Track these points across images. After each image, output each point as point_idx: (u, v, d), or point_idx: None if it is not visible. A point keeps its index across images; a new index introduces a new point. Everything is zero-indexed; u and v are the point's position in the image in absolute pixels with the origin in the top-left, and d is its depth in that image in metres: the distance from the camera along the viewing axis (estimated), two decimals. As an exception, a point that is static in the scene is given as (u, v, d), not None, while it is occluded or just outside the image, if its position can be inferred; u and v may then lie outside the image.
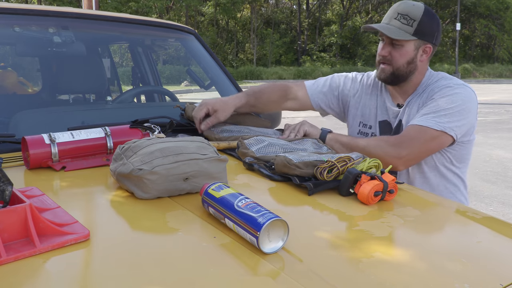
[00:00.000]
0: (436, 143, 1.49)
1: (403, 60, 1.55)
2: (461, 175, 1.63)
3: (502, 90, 18.50)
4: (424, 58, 1.58)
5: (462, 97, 1.50)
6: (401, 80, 1.59)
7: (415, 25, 1.50)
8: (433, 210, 1.14)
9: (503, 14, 29.14)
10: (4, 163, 1.18)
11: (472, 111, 1.52)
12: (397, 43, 1.54)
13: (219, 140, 1.50)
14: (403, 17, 1.52)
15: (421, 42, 1.54)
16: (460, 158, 1.60)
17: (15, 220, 0.74)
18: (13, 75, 2.63)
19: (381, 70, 1.60)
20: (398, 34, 1.51)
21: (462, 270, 0.78)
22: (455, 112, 1.47)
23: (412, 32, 1.51)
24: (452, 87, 1.52)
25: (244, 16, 30.02)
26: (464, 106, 1.49)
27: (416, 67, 1.57)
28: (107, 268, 0.71)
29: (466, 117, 1.50)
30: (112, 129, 1.29)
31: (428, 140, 1.46)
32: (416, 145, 1.46)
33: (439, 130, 1.45)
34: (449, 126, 1.46)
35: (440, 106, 1.48)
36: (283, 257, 0.76)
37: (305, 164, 1.15)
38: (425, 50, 1.57)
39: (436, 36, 1.57)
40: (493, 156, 6.25)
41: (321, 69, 25.29)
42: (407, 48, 1.54)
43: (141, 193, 0.97)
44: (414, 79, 1.60)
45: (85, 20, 1.90)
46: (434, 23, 1.56)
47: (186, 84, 10.42)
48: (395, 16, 1.54)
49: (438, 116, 1.46)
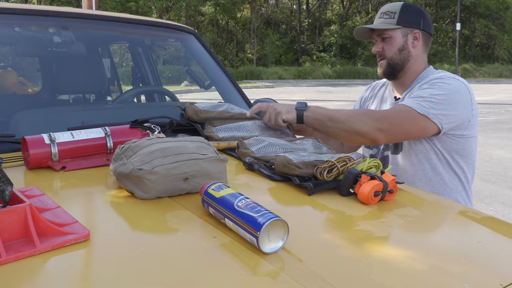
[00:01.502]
0: (418, 126, 1.50)
1: (394, 49, 1.64)
2: (459, 174, 1.61)
3: (502, 90, 18.50)
4: (416, 44, 1.65)
5: (450, 87, 1.52)
6: (398, 69, 1.66)
7: (396, 16, 1.62)
8: (433, 210, 1.14)
9: (503, 14, 29.14)
10: (4, 163, 1.18)
11: (461, 103, 1.53)
12: (385, 36, 1.64)
13: (220, 140, 1.50)
14: (385, 14, 1.66)
15: (408, 29, 1.64)
16: (458, 154, 1.60)
17: (15, 220, 0.74)
18: (13, 75, 2.63)
19: (379, 66, 1.70)
20: (382, 26, 1.64)
21: (462, 270, 0.78)
22: (441, 100, 1.49)
23: (395, 22, 1.62)
24: (443, 78, 1.56)
25: (244, 16, 30.02)
26: (452, 96, 1.51)
27: (410, 54, 1.64)
28: (107, 268, 0.71)
29: (453, 108, 1.51)
30: (112, 129, 1.29)
31: (410, 119, 1.49)
32: (398, 121, 1.50)
33: (422, 114, 1.48)
34: (433, 113, 1.48)
35: (427, 93, 1.52)
36: (283, 257, 0.76)
37: (305, 164, 1.15)
38: (414, 37, 1.64)
39: (423, 23, 1.65)
40: (493, 156, 6.25)
41: (321, 69, 25.28)
42: (395, 37, 1.64)
43: (141, 193, 0.97)
44: (412, 68, 1.66)
45: (85, 20, 1.90)
46: (415, 11, 1.66)
47: (186, 84, 10.42)
48: (379, 17, 1.69)
49: (424, 101, 1.50)
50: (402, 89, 1.71)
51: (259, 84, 20.05)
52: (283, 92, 16.87)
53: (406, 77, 1.67)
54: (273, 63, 27.25)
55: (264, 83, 20.34)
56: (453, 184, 1.62)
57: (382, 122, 1.49)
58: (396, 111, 1.53)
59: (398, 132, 1.52)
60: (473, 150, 1.63)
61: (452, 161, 1.60)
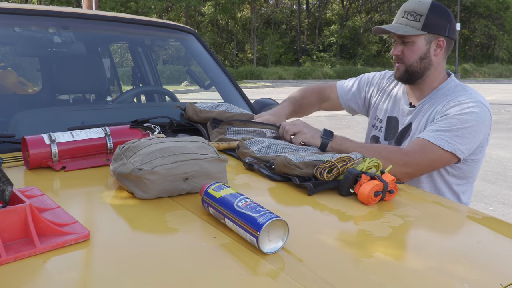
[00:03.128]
0: (443, 163, 1.46)
1: (415, 57, 1.53)
2: (458, 191, 1.57)
3: (502, 90, 18.50)
4: (438, 52, 1.55)
5: (477, 117, 1.44)
6: (417, 78, 1.57)
7: (423, 19, 1.49)
8: (433, 210, 1.14)
9: (503, 14, 29.13)
10: (4, 163, 1.18)
11: (484, 132, 1.48)
12: (407, 40, 1.52)
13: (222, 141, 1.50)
14: (410, 14, 1.51)
15: (432, 36, 1.52)
16: (461, 175, 1.55)
17: (15, 220, 0.74)
18: (13, 75, 2.63)
19: (396, 69, 1.60)
20: (405, 30, 1.51)
21: (462, 270, 0.78)
22: (466, 133, 1.43)
23: (420, 27, 1.49)
24: (468, 103, 1.46)
25: (244, 16, 30.02)
26: (477, 127, 1.44)
27: (431, 63, 1.55)
28: (107, 268, 0.71)
29: (476, 139, 1.46)
30: (112, 129, 1.29)
31: (436, 158, 1.43)
32: (425, 163, 1.44)
33: (449, 152, 1.42)
34: (459, 148, 1.42)
35: (453, 125, 1.43)
36: (283, 257, 0.76)
37: (305, 164, 1.15)
38: (438, 44, 1.54)
39: (449, 29, 1.53)
40: (493, 156, 6.25)
41: (321, 69, 25.28)
42: (418, 43, 1.52)
43: (141, 193, 0.97)
44: (431, 76, 1.57)
45: (85, 20, 1.90)
46: (443, 15, 1.53)
47: (186, 84, 10.41)
48: (402, 15, 1.54)
49: (451, 136, 1.42)
50: (419, 95, 1.62)
51: (259, 84, 20.05)
52: (283, 92, 16.87)
53: (425, 85, 1.59)
54: (273, 63, 27.25)
55: (264, 83, 20.33)
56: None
57: (410, 165, 1.42)
58: (422, 151, 1.43)
59: (422, 172, 1.49)
60: (477, 171, 1.59)
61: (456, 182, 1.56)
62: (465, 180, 1.57)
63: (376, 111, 1.77)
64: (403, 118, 1.64)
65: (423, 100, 1.59)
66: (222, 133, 1.51)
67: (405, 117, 1.64)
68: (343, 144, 1.43)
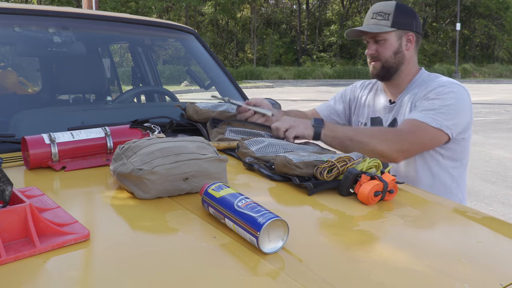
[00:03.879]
0: (433, 140, 1.53)
1: (389, 52, 1.63)
2: (455, 175, 1.63)
3: (502, 90, 18.50)
4: (410, 47, 1.65)
5: (457, 95, 1.54)
6: (393, 72, 1.65)
7: (391, 18, 1.60)
8: (433, 210, 1.14)
9: (503, 14, 29.14)
10: (4, 163, 1.18)
11: (466, 110, 1.57)
12: (380, 38, 1.62)
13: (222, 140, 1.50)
14: (378, 15, 1.62)
15: (402, 32, 1.62)
16: (454, 156, 1.61)
17: (15, 220, 0.74)
18: (13, 75, 2.63)
19: (372, 67, 1.68)
20: (377, 28, 1.61)
21: (462, 270, 0.78)
22: (450, 110, 1.51)
23: (390, 24, 1.60)
24: (446, 86, 1.56)
25: (244, 16, 30.01)
26: (459, 104, 1.54)
27: (404, 57, 1.64)
28: (107, 268, 0.71)
29: (461, 116, 1.54)
30: (112, 129, 1.29)
31: (426, 135, 1.50)
32: (415, 139, 1.50)
33: (436, 128, 1.49)
34: (446, 124, 1.50)
35: (436, 104, 1.52)
36: (283, 257, 0.76)
37: (305, 164, 1.15)
38: (408, 39, 1.64)
39: (415, 25, 1.65)
40: (493, 156, 6.25)
41: (321, 69, 25.28)
42: (390, 40, 1.62)
43: (141, 193, 0.97)
44: (406, 70, 1.66)
45: (85, 20, 1.90)
46: (408, 13, 1.65)
47: (186, 84, 10.40)
48: (371, 17, 1.65)
49: (436, 113, 1.50)
50: (396, 91, 1.70)
51: (259, 84, 20.06)
52: (283, 92, 16.87)
53: (400, 79, 1.67)
54: (273, 63, 27.26)
55: (264, 83, 20.34)
56: (452, 188, 1.63)
57: (402, 143, 1.49)
58: (412, 129, 1.50)
59: (415, 150, 1.54)
60: (467, 151, 1.66)
61: (451, 165, 1.61)
62: (458, 162, 1.63)
63: (358, 118, 1.83)
64: (386, 116, 1.71)
65: (401, 94, 1.68)
66: (222, 133, 1.52)
67: (387, 114, 1.70)
68: (335, 129, 1.50)
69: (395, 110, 1.67)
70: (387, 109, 1.70)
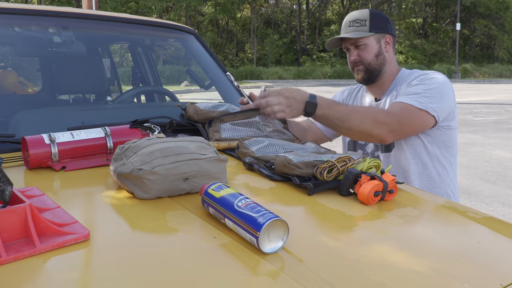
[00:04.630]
0: (421, 121, 1.57)
1: (371, 55, 1.69)
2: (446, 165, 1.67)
3: (502, 90, 18.50)
4: (388, 48, 1.73)
5: (439, 81, 1.60)
6: (377, 74, 1.72)
7: (368, 23, 1.68)
8: (433, 210, 1.14)
9: (503, 14, 29.14)
10: (4, 163, 1.18)
11: (449, 95, 1.62)
12: (360, 43, 1.69)
13: (221, 140, 1.50)
14: (355, 22, 1.70)
15: (380, 35, 1.70)
16: (446, 146, 1.65)
17: (15, 220, 0.74)
18: (13, 75, 2.63)
19: (357, 73, 1.75)
20: (357, 34, 1.67)
21: (462, 270, 0.78)
22: (434, 93, 1.56)
23: (368, 29, 1.68)
24: (428, 74, 1.64)
25: (244, 16, 30.01)
26: (442, 88, 1.59)
27: (385, 58, 1.72)
28: (107, 268, 0.71)
29: (444, 100, 1.59)
30: (112, 129, 1.29)
31: (413, 116, 1.55)
32: (404, 120, 1.55)
33: (422, 109, 1.53)
34: (431, 107, 1.54)
35: (420, 89, 1.58)
36: (283, 257, 0.76)
37: (305, 164, 1.15)
38: (386, 41, 1.72)
39: (390, 27, 1.74)
40: (493, 156, 6.25)
41: (321, 69, 25.28)
42: (370, 44, 1.69)
43: (141, 193, 0.97)
44: (388, 71, 1.73)
45: (85, 20, 1.90)
46: (382, 17, 1.73)
47: (186, 84, 10.40)
48: (348, 25, 1.71)
49: (420, 97, 1.55)
50: (380, 91, 1.76)
51: (259, 84, 20.05)
52: (283, 92, 16.84)
53: (384, 80, 1.74)
54: (273, 63, 27.25)
55: (264, 83, 20.30)
56: (443, 177, 1.67)
57: (393, 123, 1.52)
58: (400, 110, 1.54)
59: (405, 131, 1.58)
60: (456, 141, 1.70)
61: (440, 154, 1.66)
62: (448, 153, 1.67)
63: None
64: None
65: (386, 92, 1.74)
66: (217, 131, 1.52)
67: None
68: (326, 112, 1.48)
69: (381, 106, 1.73)
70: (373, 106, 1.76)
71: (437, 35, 31.25)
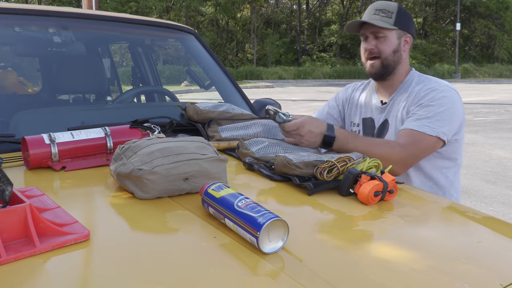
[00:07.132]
0: (431, 148, 1.54)
1: (390, 49, 1.62)
2: (449, 175, 1.64)
3: (502, 90, 18.50)
4: (406, 48, 1.66)
5: (449, 100, 1.55)
6: (390, 71, 1.65)
7: (394, 16, 1.60)
8: (433, 210, 1.14)
9: (503, 14, 29.14)
10: (4, 163, 1.18)
11: (459, 112, 1.58)
12: (381, 35, 1.61)
13: (221, 140, 1.50)
14: (382, 11, 1.61)
15: (402, 32, 1.63)
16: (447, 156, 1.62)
17: (15, 220, 0.74)
18: (13, 75, 2.63)
19: (370, 66, 1.66)
20: (382, 23, 1.59)
21: (462, 270, 0.78)
22: (445, 116, 1.52)
23: (393, 22, 1.60)
24: (438, 90, 1.57)
25: (244, 16, 30.02)
26: (452, 109, 1.55)
27: (401, 57, 1.65)
28: (107, 268, 0.71)
29: (454, 120, 1.55)
30: (112, 129, 1.29)
31: (425, 145, 1.51)
32: (415, 151, 1.50)
33: (434, 136, 1.49)
34: (442, 131, 1.50)
35: (431, 111, 1.52)
36: (283, 257, 0.76)
37: (305, 164, 1.15)
38: (406, 40, 1.65)
39: (412, 27, 1.68)
40: (493, 156, 6.25)
41: (321, 69, 25.28)
42: (391, 38, 1.62)
43: (141, 193, 0.97)
44: (400, 70, 1.67)
45: (85, 20, 1.90)
46: (408, 15, 1.66)
47: (186, 84, 10.40)
48: (373, 13, 1.62)
49: (431, 122, 1.50)
50: (388, 91, 1.70)
51: (259, 84, 20.05)
52: (283, 92, 16.87)
53: (394, 80, 1.68)
54: (273, 63, 27.25)
55: (264, 83, 20.34)
56: (445, 188, 1.64)
57: (408, 160, 1.49)
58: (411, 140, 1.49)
59: (415, 161, 1.55)
60: (461, 152, 1.67)
61: (444, 165, 1.62)
62: (452, 162, 1.64)
63: (350, 119, 1.84)
64: (378, 116, 1.72)
65: (393, 95, 1.68)
66: (216, 131, 1.52)
67: (379, 115, 1.71)
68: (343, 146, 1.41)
69: (386, 111, 1.68)
70: (379, 109, 1.71)
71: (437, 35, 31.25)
